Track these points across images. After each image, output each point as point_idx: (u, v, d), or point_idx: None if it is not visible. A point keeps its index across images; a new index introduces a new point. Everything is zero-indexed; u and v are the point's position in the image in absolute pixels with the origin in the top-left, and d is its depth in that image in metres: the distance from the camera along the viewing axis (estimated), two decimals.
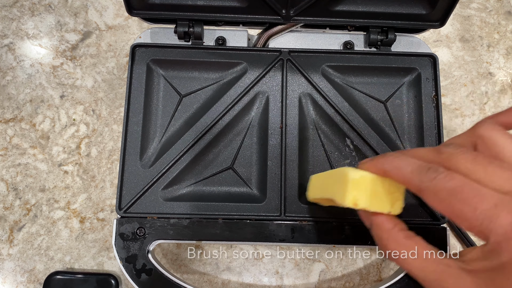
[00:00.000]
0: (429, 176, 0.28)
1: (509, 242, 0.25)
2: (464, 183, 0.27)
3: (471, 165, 0.27)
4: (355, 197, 0.31)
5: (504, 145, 0.28)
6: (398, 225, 0.32)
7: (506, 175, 0.26)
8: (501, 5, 0.66)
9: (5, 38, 0.62)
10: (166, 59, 0.51)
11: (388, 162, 0.31)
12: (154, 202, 0.48)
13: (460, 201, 0.26)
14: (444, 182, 0.27)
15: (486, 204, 0.26)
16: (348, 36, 0.54)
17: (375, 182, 0.31)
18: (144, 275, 0.46)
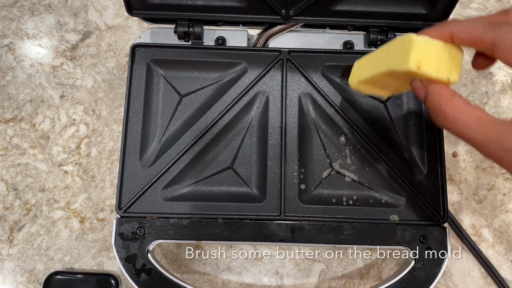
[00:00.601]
0: (504, 29, 0.28)
1: None
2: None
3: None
4: (419, 60, 0.31)
5: None
6: (457, 93, 0.32)
7: None
8: (501, 5, 0.66)
9: (5, 38, 0.62)
10: (166, 59, 0.51)
11: (456, 24, 0.31)
12: (154, 202, 0.48)
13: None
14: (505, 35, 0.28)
15: None
16: (348, 36, 0.54)
17: (438, 47, 0.31)
18: (143, 275, 0.46)
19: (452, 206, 0.58)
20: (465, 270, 0.56)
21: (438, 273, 0.46)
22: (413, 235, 0.47)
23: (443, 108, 0.31)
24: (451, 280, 0.55)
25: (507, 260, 0.56)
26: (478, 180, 0.59)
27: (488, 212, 0.58)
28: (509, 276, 0.56)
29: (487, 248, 0.56)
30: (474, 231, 0.57)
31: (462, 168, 0.59)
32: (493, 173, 0.59)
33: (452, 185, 0.58)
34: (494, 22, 0.30)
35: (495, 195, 0.58)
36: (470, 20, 0.31)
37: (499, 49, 0.29)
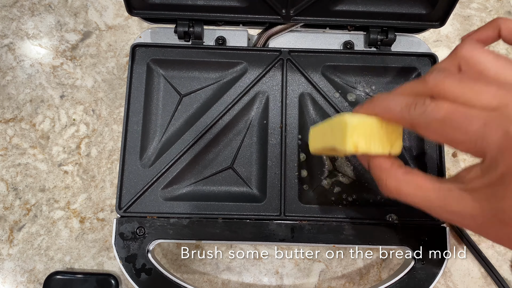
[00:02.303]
0: (418, 111, 0.28)
1: (503, 153, 0.25)
2: (452, 110, 0.27)
3: (457, 88, 0.27)
4: (354, 142, 0.31)
5: (486, 62, 0.29)
6: (396, 163, 0.32)
7: (492, 90, 0.26)
8: (501, 5, 0.66)
9: (5, 38, 0.62)
10: (166, 59, 0.51)
11: (378, 105, 0.32)
12: (154, 202, 0.48)
13: (451, 128, 0.27)
14: (434, 114, 0.27)
15: (476, 124, 0.26)
16: (348, 36, 0.54)
17: (373, 124, 0.32)
18: (144, 274, 0.46)
19: None
20: (465, 270, 0.56)
21: (438, 273, 0.46)
22: (413, 235, 0.47)
23: (384, 181, 0.32)
24: (451, 280, 0.55)
25: (507, 260, 0.56)
26: None
27: None
28: (509, 276, 0.56)
29: (487, 248, 0.56)
30: None
31: (462, 168, 0.59)
32: None
33: None
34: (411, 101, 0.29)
35: None
36: (390, 98, 0.31)
37: (419, 129, 0.29)
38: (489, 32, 0.34)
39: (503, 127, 0.25)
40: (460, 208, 0.28)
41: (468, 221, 0.28)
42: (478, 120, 0.26)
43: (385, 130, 0.32)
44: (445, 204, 0.29)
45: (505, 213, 0.26)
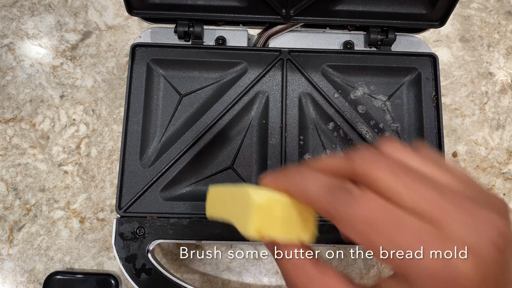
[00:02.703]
0: (341, 201, 0.23)
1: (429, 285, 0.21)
2: (381, 208, 0.22)
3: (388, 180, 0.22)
4: (259, 226, 0.25)
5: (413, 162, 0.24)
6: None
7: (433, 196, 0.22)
8: (501, 5, 0.66)
9: (5, 38, 0.62)
10: (166, 58, 0.51)
11: (290, 181, 0.26)
12: (154, 202, 0.47)
13: (376, 232, 0.22)
14: (360, 208, 0.22)
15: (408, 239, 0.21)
16: (348, 36, 0.54)
17: (284, 205, 0.25)
18: (143, 274, 0.46)
19: None
20: None
21: None
22: None
23: (294, 278, 0.26)
24: None
25: None
26: (478, 180, 0.59)
27: None
28: None
29: None
30: None
31: (462, 168, 0.59)
32: (493, 173, 0.59)
33: None
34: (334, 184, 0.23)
35: None
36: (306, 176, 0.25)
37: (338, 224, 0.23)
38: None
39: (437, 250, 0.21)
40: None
41: None
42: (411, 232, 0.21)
43: (298, 212, 0.26)
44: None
45: None
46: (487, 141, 0.60)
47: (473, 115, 0.61)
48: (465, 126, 0.61)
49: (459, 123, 0.61)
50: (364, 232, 0.22)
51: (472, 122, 0.61)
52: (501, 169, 0.59)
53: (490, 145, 0.60)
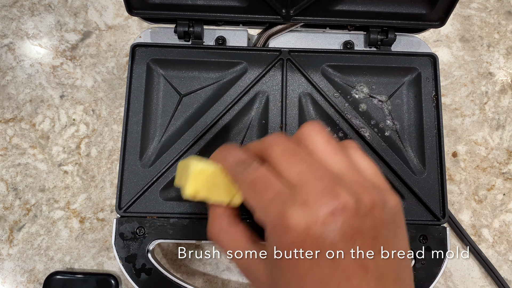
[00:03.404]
0: (241, 169, 0.29)
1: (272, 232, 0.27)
2: (261, 176, 0.28)
3: (278, 157, 0.28)
4: (194, 189, 0.31)
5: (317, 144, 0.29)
6: (227, 212, 0.32)
7: (300, 168, 0.27)
8: (501, 5, 0.66)
9: (5, 38, 0.62)
10: (166, 58, 0.51)
11: (221, 155, 0.33)
12: (154, 202, 0.47)
13: (254, 193, 0.28)
14: (249, 175, 0.28)
15: (269, 195, 0.27)
16: (348, 36, 0.54)
17: (216, 173, 0.32)
18: (143, 274, 0.46)
19: (452, 206, 0.58)
20: (465, 270, 0.56)
21: (438, 273, 0.46)
22: (413, 235, 0.47)
23: (210, 225, 0.32)
24: (451, 280, 0.55)
25: (507, 260, 0.56)
26: (478, 180, 0.59)
27: (488, 212, 0.58)
28: (509, 276, 0.56)
29: (487, 248, 0.56)
30: (474, 231, 0.57)
31: (462, 168, 0.59)
32: (493, 173, 0.59)
33: (452, 185, 0.58)
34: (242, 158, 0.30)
35: (495, 195, 0.58)
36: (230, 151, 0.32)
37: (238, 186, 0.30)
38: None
39: (283, 205, 0.26)
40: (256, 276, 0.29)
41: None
42: (272, 191, 0.27)
43: (228, 181, 0.32)
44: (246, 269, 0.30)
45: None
46: (487, 141, 0.60)
47: (473, 115, 0.61)
48: (465, 126, 0.61)
49: (459, 123, 0.61)
50: (248, 192, 0.29)
51: (472, 122, 0.61)
52: (501, 169, 0.59)
53: (490, 145, 0.60)
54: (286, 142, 0.29)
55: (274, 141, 0.30)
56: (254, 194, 0.28)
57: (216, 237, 0.32)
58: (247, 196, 0.29)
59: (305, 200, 0.26)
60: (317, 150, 0.29)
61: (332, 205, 0.25)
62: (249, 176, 0.28)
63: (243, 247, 0.30)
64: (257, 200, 0.28)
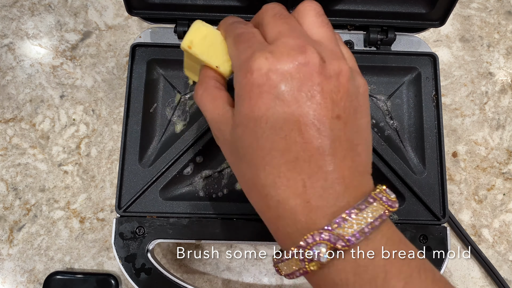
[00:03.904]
0: (233, 26, 0.32)
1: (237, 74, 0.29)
2: (248, 31, 0.30)
3: (268, 19, 0.30)
4: (191, 40, 0.33)
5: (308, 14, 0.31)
6: (216, 77, 0.34)
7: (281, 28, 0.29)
8: (501, 5, 0.66)
9: (5, 38, 0.62)
10: (166, 58, 0.51)
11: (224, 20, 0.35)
12: (153, 201, 0.47)
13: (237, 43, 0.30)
14: (238, 29, 0.31)
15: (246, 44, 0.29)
16: (347, 36, 0.54)
17: (215, 36, 0.33)
18: (143, 274, 0.46)
19: (452, 206, 0.57)
20: (465, 270, 0.56)
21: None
22: (413, 234, 0.47)
23: (197, 85, 0.34)
24: (451, 280, 0.55)
25: (507, 260, 0.56)
26: (478, 180, 0.59)
27: (488, 212, 0.58)
28: (509, 276, 0.56)
29: (487, 248, 0.56)
30: (474, 231, 0.57)
31: (462, 168, 0.59)
32: (493, 173, 0.59)
33: (452, 185, 0.58)
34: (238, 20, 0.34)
35: (495, 195, 0.58)
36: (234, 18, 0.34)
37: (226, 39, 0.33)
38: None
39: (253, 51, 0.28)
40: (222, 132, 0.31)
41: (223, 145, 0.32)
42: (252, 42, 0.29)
43: (223, 46, 0.33)
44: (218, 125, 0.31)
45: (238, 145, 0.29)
46: (487, 141, 0.60)
47: (473, 115, 0.61)
48: (465, 126, 0.61)
49: (459, 123, 0.61)
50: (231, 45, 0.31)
51: (472, 122, 0.61)
52: (501, 169, 0.59)
53: (490, 145, 0.60)
54: (281, 8, 0.31)
55: (270, 6, 0.31)
56: (237, 43, 0.30)
57: (200, 96, 0.33)
58: (230, 49, 0.31)
59: (274, 50, 0.27)
60: (305, 21, 0.30)
61: (297, 59, 0.27)
62: (238, 30, 0.31)
63: (220, 108, 0.31)
64: (235, 49, 0.30)
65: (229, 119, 0.30)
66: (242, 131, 0.28)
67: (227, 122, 0.30)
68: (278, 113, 0.27)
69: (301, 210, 0.27)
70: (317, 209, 0.27)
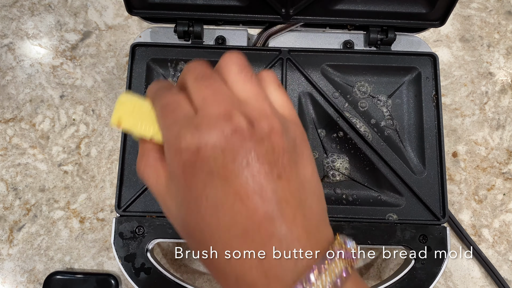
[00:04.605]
0: (159, 93, 0.30)
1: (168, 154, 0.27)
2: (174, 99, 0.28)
3: (192, 82, 0.28)
4: (119, 117, 0.32)
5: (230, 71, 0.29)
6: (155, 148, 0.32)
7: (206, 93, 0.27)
8: (501, 5, 0.66)
9: (5, 38, 0.62)
10: (166, 58, 0.51)
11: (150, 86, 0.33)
12: (153, 201, 0.48)
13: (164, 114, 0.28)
14: (164, 98, 0.29)
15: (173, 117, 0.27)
16: (348, 36, 0.54)
17: (143, 106, 0.32)
18: (143, 274, 0.45)
19: (452, 206, 0.57)
20: (465, 270, 0.56)
21: (438, 273, 0.46)
22: (413, 234, 0.47)
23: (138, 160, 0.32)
24: (451, 280, 0.55)
25: (507, 260, 0.56)
26: (478, 180, 0.59)
27: (488, 212, 0.57)
28: (509, 276, 0.55)
29: (487, 248, 0.56)
30: (474, 231, 0.57)
31: (462, 168, 0.59)
32: (493, 173, 0.59)
33: (452, 185, 0.58)
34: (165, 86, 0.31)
35: (495, 195, 0.58)
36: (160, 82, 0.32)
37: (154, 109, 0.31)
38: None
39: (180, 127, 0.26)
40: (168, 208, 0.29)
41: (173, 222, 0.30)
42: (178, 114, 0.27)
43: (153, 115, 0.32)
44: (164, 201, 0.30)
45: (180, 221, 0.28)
46: (487, 141, 0.60)
47: (473, 115, 0.61)
48: (465, 126, 0.61)
49: (459, 123, 0.61)
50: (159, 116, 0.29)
51: (472, 122, 0.61)
52: (501, 169, 0.59)
53: (490, 145, 0.60)
54: (203, 69, 0.30)
55: (192, 67, 0.30)
56: (163, 117, 0.28)
57: (142, 172, 0.31)
58: (159, 120, 0.29)
59: (199, 123, 0.26)
60: (229, 78, 0.29)
61: (224, 128, 0.25)
62: (163, 100, 0.29)
63: (164, 185, 0.30)
64: (163, 121, 0.28)
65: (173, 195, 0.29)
66: (185, 211, 0.27)
67: (171, 197, 0.29)
68: (216, 188, 0.25)
69: (261, 283, 0.26)
70: (276, 279, 0.26)
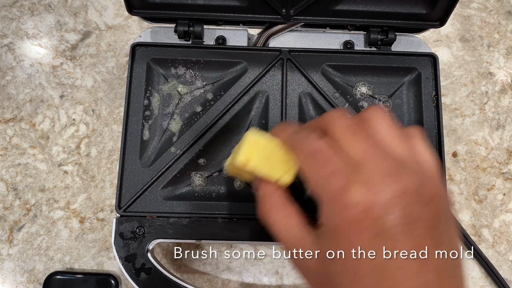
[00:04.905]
0: (300, 139, 0.30)
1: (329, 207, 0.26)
2: (323, 148, 0.28)
3: (341, 131, 0.28)
4: (247, 156, 0.31)
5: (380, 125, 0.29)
6: (279, 191, 0.32)
7: (364, 146, 0.27)
8: (501, 5, 0.66)
9: (5, 38, 0.62)
10: (166, 58, 0.51)
11: (277, 127, 0.33)
12: (153, 201, 0.47)
13: (314, 162, 0.28)
14: (309, 145, 0.28)
15: (329, 168, 0.27)
16: (348, 36, 0.54)
17: (272, 147, 0.32)
18: (143, 274, 0.45)
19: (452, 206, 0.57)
20: (465, 270, 0.56)
21: None
22: None
23: (262, 202, 0.32)
24: None
25: (507, 260, 0.56)
26: (478, 180, 0.59)
27: (488, 212, 0.58)
28: (509, 276, 0.56)
29: (487, 248, 0.56)
30: (474, 231, 0.57)
31: (462, 168, 0.59)
32: (493, 173, 0.59)
33: (452, 185, 0.58)
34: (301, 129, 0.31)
35: (495, 195, 0.58)
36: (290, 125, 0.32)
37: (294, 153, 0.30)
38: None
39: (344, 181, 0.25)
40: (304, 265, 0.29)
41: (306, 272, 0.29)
42: (333, 165, 0.27)
43: (282, 156, 0.32)
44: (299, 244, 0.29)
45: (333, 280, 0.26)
46: (487, 141, 0.60)
47: (473, 115, 0.61)
48: (465, 126, 0.61)
49: (459, 123, 0.61)
50: (305, 163, 0.28)
51: (472, 122, 0.61)
52: (501, 169, 0.59)
53: (490, 145, 0.60)
54: (349, 119, 0.29)
55: (337, 115, 0.29)
56: (312, 166, 0.28)
57: (267, 215, 0.31)
58: (305, 167, 0.28)
59: (368, 179, 0.25)
60: (379, 133, 0.28)
61: (395, 188, 0.25)
62: (308, 146, 0.28)
63: (296, 229, 0.29)
64: (315, 172, 0.27)
65: (311, 244, 0.28)
66: (340, 269, 0.26)
67: (309, 247, 0.28)
68: (380, 253, 0.25)
69: None
70: None
